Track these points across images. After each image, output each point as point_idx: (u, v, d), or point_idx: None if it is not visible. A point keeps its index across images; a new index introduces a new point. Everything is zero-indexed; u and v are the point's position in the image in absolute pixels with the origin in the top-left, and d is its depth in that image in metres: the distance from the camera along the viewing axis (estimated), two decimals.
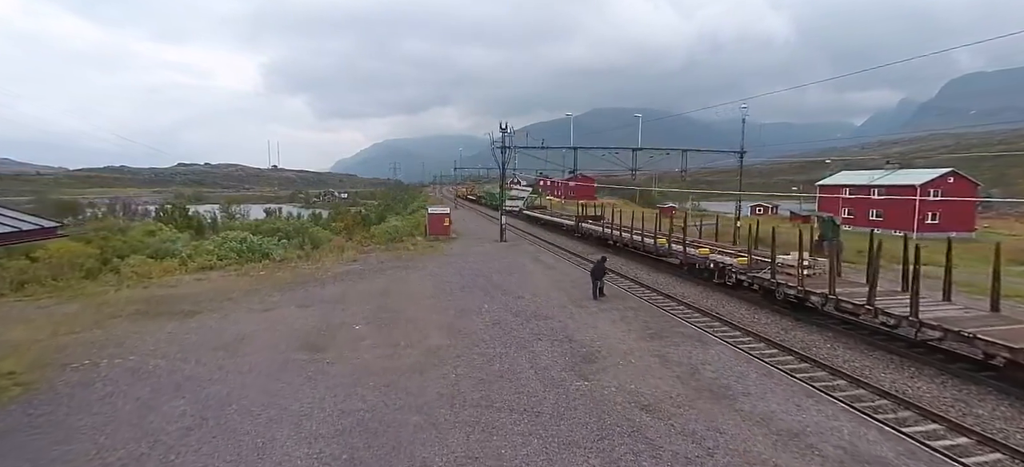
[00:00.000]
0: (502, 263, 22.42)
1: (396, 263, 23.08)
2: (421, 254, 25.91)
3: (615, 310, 13.87)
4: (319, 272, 21.16)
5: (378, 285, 17.86)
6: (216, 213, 78.77)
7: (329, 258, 25.45)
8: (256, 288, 17.94)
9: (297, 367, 9.85)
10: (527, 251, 26.98)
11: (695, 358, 10.04)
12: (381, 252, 27.96)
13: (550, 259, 24.36)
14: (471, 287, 17.17)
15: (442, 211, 33.01)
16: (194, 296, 16.83)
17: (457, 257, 24.56)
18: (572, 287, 17.14)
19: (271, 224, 45.57)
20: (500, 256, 24.73)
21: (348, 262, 23.95)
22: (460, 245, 29.11)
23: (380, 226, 51.85)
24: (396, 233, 34.02)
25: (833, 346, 12.36)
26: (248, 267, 22.91)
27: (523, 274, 19.45)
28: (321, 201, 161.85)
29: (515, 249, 27.43)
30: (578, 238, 32.92)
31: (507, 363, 9.87)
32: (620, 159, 30.28)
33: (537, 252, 27.07)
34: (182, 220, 36.26)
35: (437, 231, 31.91)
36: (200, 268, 22.94)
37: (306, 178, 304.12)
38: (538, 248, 28.99)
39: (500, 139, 29.00)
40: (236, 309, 14.80)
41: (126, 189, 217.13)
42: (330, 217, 77.08)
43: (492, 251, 26.53)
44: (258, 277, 20.50)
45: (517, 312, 13.73)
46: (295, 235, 43.67)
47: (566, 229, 36.35)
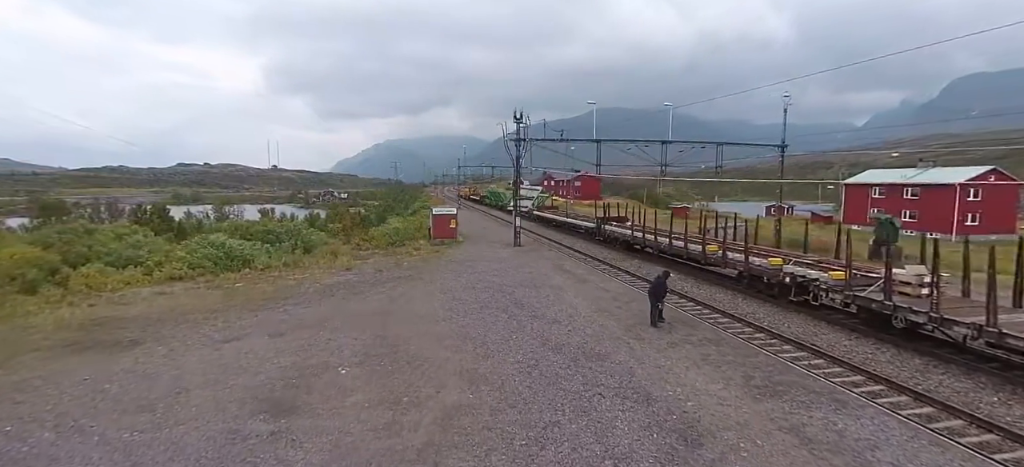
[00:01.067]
0: (522, 274, 19.02)
1: (397, 273, 19.70)
2: (425, 261, 22.53)
3: (689, 344, 10.46)
4: (305, 284, 17.79)
5: (374, 303, 14.46)
6: (209, 214, 75.51)
7: (319, 266, 22.09)
8: (224, 307, 14.57)
9: (246, 449, 6.46)
10: (547, 258, 23.57)
11: (849, 437, 6.62)
12: (380, 258, 24.60)
13: (578, 268, 20.94)
14: (491, 307, 13.77)
15: (447, 212, 29.65)
16: (144, 318, 13.46)
17: (467, 265, 21.17)
18: (617, 306, 13.73)
19: (262, 226, 42.23)
20: (518, 264, 21.34)
21: (341, 271, 20.58)
22: (469, 250, 25.72)
23: (380, 228, 48.49)
24: (397, 236, 30.65)
25: None
26: (223, 278, 19.54)
27: (551, 289, 16.04)
28: (320, 201, 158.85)
29: (533, 256, 24.03)
30: (601, 242, 29.50)
31: (565, 444, 6.47)
32: (650, 153, 26.89)
33: (559, 259, 23.65)
34: (161, 222, 32.86)
35: (442, 234, 28.54)
36: (166, 279, 19.58)
37: (306, 178, 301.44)
38: (559, 254, 25.58)
39: (514, 131, 25.60)
40: (190, 338, 11.42)
41: (124, 189, 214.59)
42: (328, 218, 73.77)
43: (507, 258, 23.13)
44: (231, 291, 17.13)
45: (558, 346, 10.32)
46: (287, 238, 40.35)
47: (585, 232, 32.93)
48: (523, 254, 24.33)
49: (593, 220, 34.25)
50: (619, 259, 24.89)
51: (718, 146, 27.80)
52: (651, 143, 26.79)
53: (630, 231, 26.38)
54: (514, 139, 25.77)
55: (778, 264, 14.96)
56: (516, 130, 25.66)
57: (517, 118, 25.50)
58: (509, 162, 76.94)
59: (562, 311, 13.16)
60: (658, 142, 26.77)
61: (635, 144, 26.79)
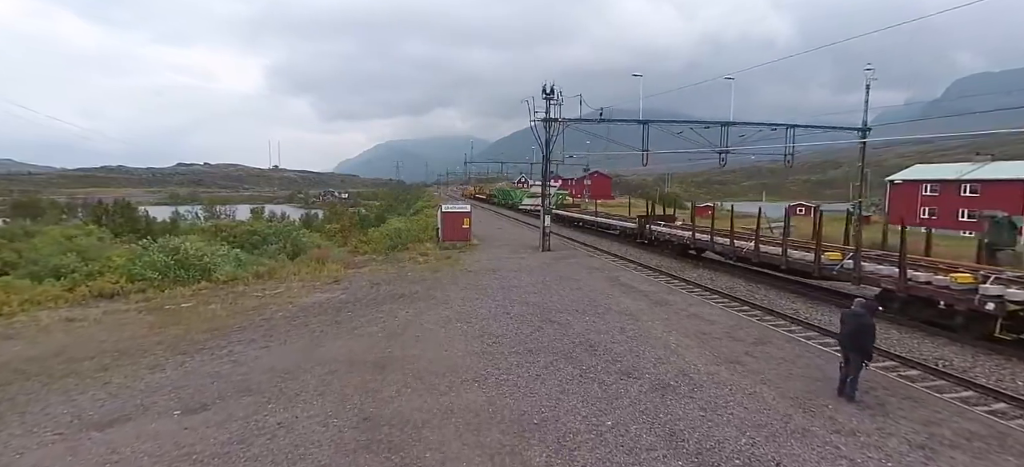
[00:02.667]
0: (569, 290, 14.15)
1: (399, 286, 14.86)
2: (435, 271, 17.70)
3: (930, 450, 5.57)
4: (275, 305, 12.97)
5: (365, 341, 9.63)
6: (198, 213, 70.89)
7: (301, 277, 17.27)
8: (142, 346, 9.75)
9: None
10: (591, 266, 18.66)
11: None
12: (379, 265, 19.78)
13: (640, 281, 15.92)
14: (544, 349, 8.92)
15: (460, 209, 24.78)
16: (11, 365, 8.70)
17: (490, 276, 16.32)
18: (745, 353, 8.83)
19: (248, 227, 37.44)
20: (557, 276, 16.47)
21: (327, 284, 15.76)
22: (488, 256, 20.85)
23: (379, 229, 43.61)
24: (399, 238, 25.83)
25: None
26: (169, 294, 14.73)
27: (622, 316, 11.17)
28: (320, 202, 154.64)
29: (571, 264, 19.12)
30: (644, 245, 24.61)
31: None
32: (708, 137, 22.01)
33: (606, 267, 18.71)
34: (124, 221, 28.06)
35: (454, 236, 23.71)
36: (94, 295, 14.80)
37: (308, 179, 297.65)
38: (603, 261, 20.57)
39: (545, 109, 20.68)
40: (42, 420, 6.61)
41: (121, 189, 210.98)
42: (325, 218, 68.96)
43: (538, 267, 18.26)
44: (171, 315, 12.32)
45: (698, 452, 5.47)
46: (274, 240, 35.51)
47: (622, 233, 27.98)
48: (557, 261, 19.42)
49: (629, 219, 29.37)
50: (681, 268, 19.93)
51: (788, 129, 22.91)
52: (710, 125, 21.91)
53: (688, 232, 21.41)
54: (543, 120, 20.87)
55: (969, 282, 10.03)
56: (545, 109, 20.79)
57: (547, 93, 20.61)
58: (521, 158, 71.07)
59: (662, 361, 8.28)
60: (718, 124, 21.90)
61: (691, 127, 21.89)
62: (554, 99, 20.58)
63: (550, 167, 24.22)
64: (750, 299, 14.90)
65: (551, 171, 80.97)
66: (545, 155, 21.35)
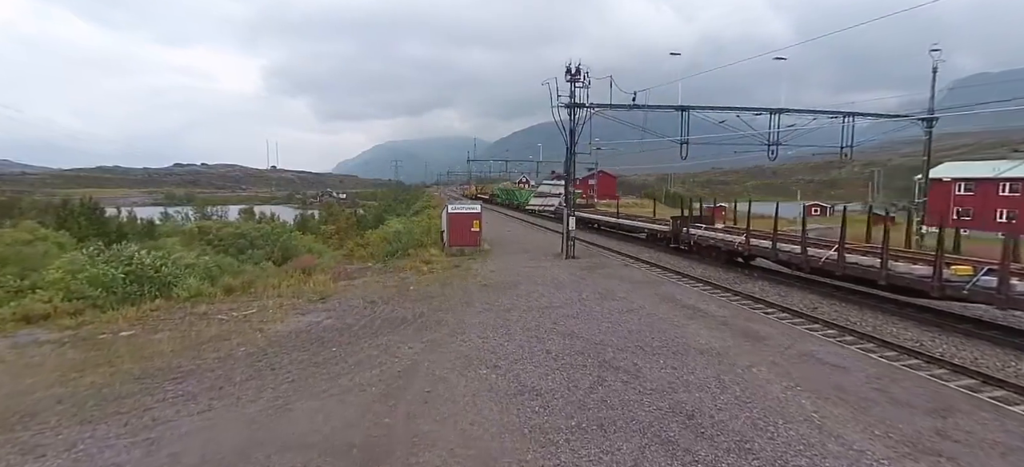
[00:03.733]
0: (621, 315, 11.14)
1: (400, 308, 11.86)
2: (444, 285, 14.70)
3: None
4: (240, 334, 9.95)
5: (352, 407, 6.59)
6: (188, 214, 67.87)
7: (281, 291, 14.27)
8: (43, 404, 6.73)
9: None
10: (630, 279, 15.61)
11: None
12: (375, 276, 16.80)
13: (704, 300, 12.77)
14: (621, 425, 5.93)
15: (468, 210, 21.74)
16: None
17: (512, 292, 13.33)
18: (953, 438, 5.90)
19: (234, 229, 34.48)
20: (597, 292, 13.46)
21: (312, 303, 12.76)
22: (504, 265, 17.84)
23: (377, 231, 40.59)
24: (399, 242, 22.85)
25: None
26: (109, 319, 11.71)
27: (717, 360, 8.13)
28: (318, 202, 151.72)
29: (607, 276, 16.07)
30: (678, 251, 21.63)
31: None
32: (757, 126, 19.08)
33: (652, 280, 15.62)
34: (88, 223, 25.01)
35: (462, 240, 20.71)
36: (20, 318, 11.81)
37: (306, 179, 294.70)
38: (645, 273, 17.25)
39: (569, 93, 17.66)
40: None
41: (117, 190, 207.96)
42: (320, 219, 65.94)
43: (569, 280, 15.25)
44: (101, 350, 9.30)
45: None
46: (262, 243, 32.51)
47: (650, 237, 24.94)
48: (588, 271, 16.38)
49: (656, 221, 26.40)
50: (735, 279, 16.75)
51: (845, 117, 19.98)
52: (760, 112, 18.94)
53: (737, 237, 18.33)
54: (567, 106, 17.85)
55: None
56: (570, 92, 17.76)
57: (572, 74, 17.59)
58: (521, 159, 66.20)
59: (817, 450, 5.29)
60: (767, 111, 18.95)
61: (737, 114, 18.92)
62: (580, 81, 17.57)
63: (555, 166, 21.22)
64: (859, 328, 11.64)
65: (557, 171, 77.26)
66: (570, 146, 18.33)
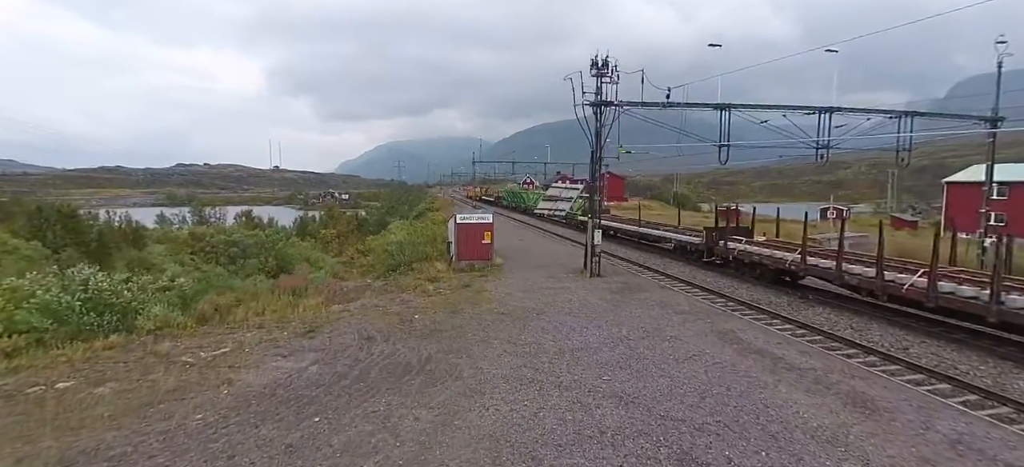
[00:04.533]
0: (682, 367, 8.98)
1: (402, 345, 9.72)
2: (452, 310, 12.57)
3: None
4: (201, 388, 7.83)
5: None
6: (186, 216, 66.02)
7: (265, 318, 12.19)
8: None
9: None
10: (674, 306, 13.41)
11: None
12: (374, 297, 14.69)
13: (777, 343, 10.49)
14: None
15: (478, 220, 19.56)
16: None
17: (536, 325, 11.19)
18: None
19: (226, 236, 32.44)
20: (641, 329, 11.29)
21: (297, 337, 10.64)
22: (519, 283, 15.70)
23: (379, 237, 38.46)
24: (402, 255, 20.73)
25: None
26: (52, 359, 9.60)
27: (842, 455, 6.00)
28: (320, 202, 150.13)
29: (643, 301, 13.89)
30: (716, 267, 19.37)
31: None
32: (802, 130, 16.84)
33: (700, 309, 13.39)
34: (65, 232, 22.92)
35: (472, 254, 18.59)
36: None
37: (308, 179, 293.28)
38: (690, 298, 14.66)
39: (595, 89, 15.48)
40: None
41: (118, 190, 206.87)
42: (321, 222, 63.93)
43: (600, 307, 13.08)
44: (18, 415, 7.21)
45: None
46: (256, 252, 30.46)
47: (678, 249, 22.57)
48: (620, 295, 14.18)
49: (685, 231, 24.15)
50: (793, 307, 14.12)
51: (903, 117, 17.80)
52: (812, 111, 16.72)
53: (789, 253, 15.94)
54: (593, 103, 15.68)
55: None
56: (596, 88, 15.59)
57: (599, 67, 15.42)
58: (523, 159, 64.12)
59: None
60: (818, 110, 16.74)
61: (784, 114, 16.73)
62: (608, 76, 15.39)
63: (563, 169, 19.02)
64: (1012, 393, 8.67)
65: (562, 172, 74.97)
66: (597, 149, 16.11)
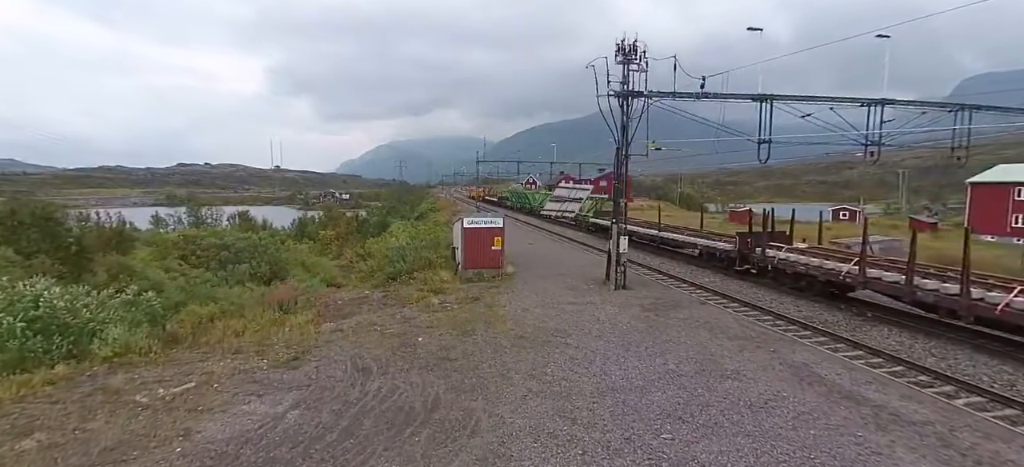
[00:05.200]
0: (771, 421, 7.17)
1: (403, 380, 7.95)
2: (462, 331, 10.78)
3: None
4: (150, 447, 6.04)
5: None
6: (181, 217, 64.24)
7: (243, 342, 10.42)
8: None
9: None
10: (727, 330, 11.57)
11: None
12: (372, 314, 12.92)
13: (867, 382, 8.72)
14: None
15: (487, 224, 17.76)
16: None
17: (562, 355, 9.41)
18: None
19: (217, 238, 30.68)
20: (694, 361, 9.49)
21: (278, 369, 8.86)
22: (535, 297, 13.91)
23: (379, 239, 36.71)
24: (403, 261, 18.95)
25: None
26: None
27: None
28: (321, 202, 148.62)
29: (683, 321, 12.07)
30: (750, 277, 17.49)
31: None
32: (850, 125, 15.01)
33: (752, 331, 11.45)
34: (41, 235, 21.16)
35: (480, 261, 16.80)
36: None
37: (310, 179, 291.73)
38: (738, 317, 12.61)
39: (621, 77, 13.70)
40: None
41: (118, 190, 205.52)
42: (320, 223, 62.18)
43: (634, 329, 11.28)
44: None
45: None
46: (247, 256, 28.73)
47: (705, 256, 20.65)
48: (656, 315, 12.36)
49: (711, 236, 22.34)
50: (854, 327, 12.27)
51: (959, 111, 16.00)
52: (864, 103, 14.90)
53: (844, 264, 13.93)
54: (618, 94, 13.89)
55: None
56: (623, 76, 13.80)
57: (625, 52, 13.64)
58: (526, 159, 62.04)
59: None
60: (870, 102, 14.93)
61: (830, 107, 14.90)
62: (636, 63, 13.59)
63: (563, 168, 17.22)
64: None
65: (565, 173, 73.12)
66: (623, 144, 14.27)
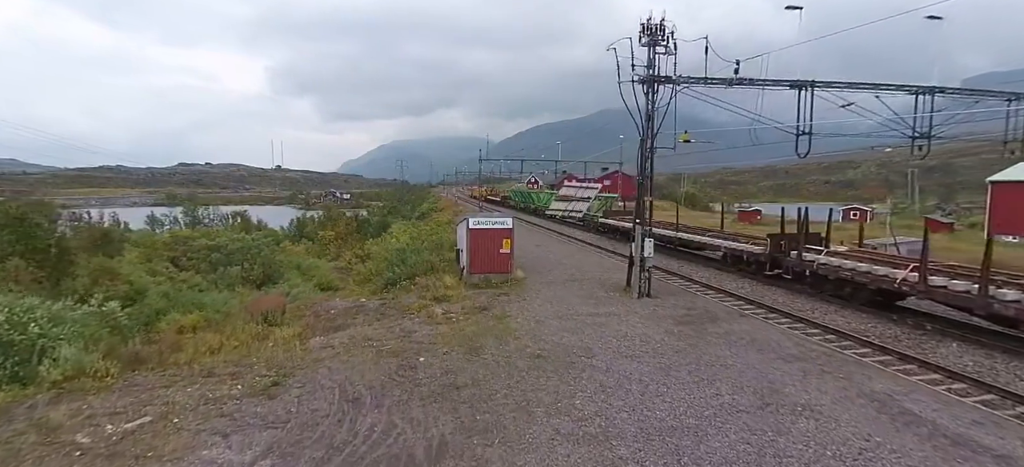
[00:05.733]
0: None
1: (400, 416, 6.45)
2: (470, 350, 9.28)
3: None
4: None
5: None
6: (177, 217, 62.89)
7: (218, 360, 8.94)
8: None
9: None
10: (780, 349, 10.04)
11: None
12: (367, 326, 11.44)
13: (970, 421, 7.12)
14: None
15: (495, 225, 16.20)
16: None
17: (594, 386, 7.92)
18: None
19: (208, 240, 29.28)
20: (755, 392, 8.00)
21: (252, 399, 7.34)
22: (551, 307, 12.41)
23: (379, 240, 35.25)
24: (403, 264, 17.48)
25: None
26: None
27: None
28: (322, 202, 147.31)
29: (726, 337, 10.58)
30: (783, 282, 15.90)
31: None
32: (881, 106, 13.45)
33: (814, 350, 9.85)
34: (15, 237, 19.72)
35: (487, 266, 15.29)
36: None
37: (311, 179, 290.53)
38: (788, 332, 11.11)
39: (647, 61, 12.22)
40: None
41: (119, 190, 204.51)
42: (319, 223, 60.80)
43: (674, 349, 9.78)
44: None
45: None
46: (239, 257, 27.33)
47: (731, 260, 18.94)
48: (690, 328, 10.85)
49: (734, 238, 20.79)
50: (917, 344, 10.40)
51: (1015, 100, 14.53)
52: (910, 90, 13.37)
53: (899, 270, 12.23)
54: (643, 80, 12.40)
55: None
56: (649, 59, 12.30)
57: (652, 32, 12.14)
58: (536, 158, 60.86)
59: None
60: (914, 90, 13.43)
61: (876, 95, 13.39)
62: (663, 44, 12.09)
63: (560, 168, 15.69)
64: None
65: (566, 171, 71.35)
66: (648, 136, 12.74)
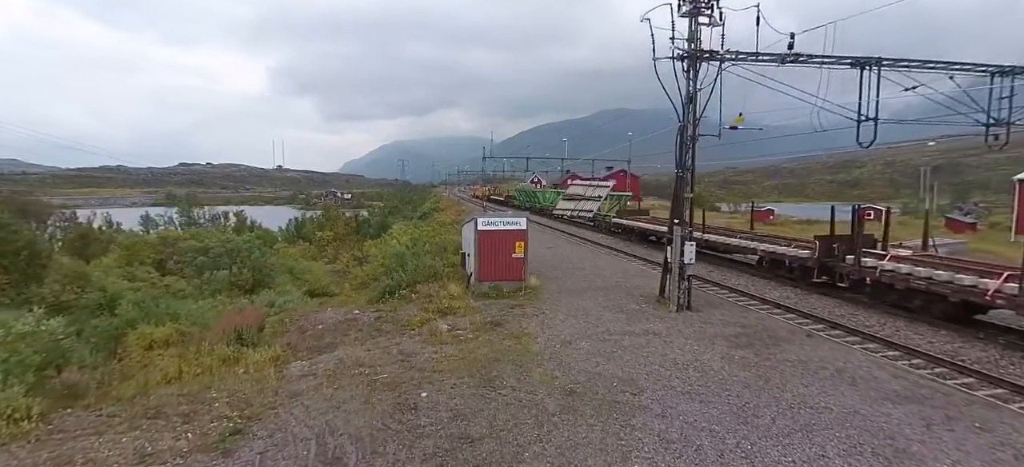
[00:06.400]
0: None
1: None
2: (480, 379, 7.38)
3: None
4: None
5: None
6: (173, 218, 61.16)
7: (168, 400, 7.09)
8: None
9: None
10: (879, 385, 8.15)
11: None
12: (360, 344, 9.57)
13: None
14: None
15: (507, 226, 14.34)
16: None
17: (658, 447, 6.04)
18: None
19: (197, 242, 27.47)
20: (877, 454, 6.13)
21: (206, 449, 5.49)
22: (576, 323, 10.53)
23: (379, 241, 33.44)
24: (403, 270, 15.63)
25: None
26: None
27: None
28: (322, 202, 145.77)
29: (802, 366, 8.71)
30: (834, 290, 13.96)
31: None
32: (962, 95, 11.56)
33: (924, 388, 7.76)
34: None
35: (498, 273, 13.43)
36: None
37: (312, 179, 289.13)
38: (886, 362, 9.22)
39: (687, 34, 10.38)
40: None
41: (118, 190, 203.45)
42: (318, 224, 59.03)
43: (743, 382, 7.90)
44: None
45: None
46: (228, 261, 25.52)
47: (769, 265, 16.90)
48: (750, 352, 8.94)
49: (768, 239, 18.86)
50: None
51: None
52: (984, 71, 11.45)
53: (991, 279, 10.43)
54: (683, 56, 10.54)
55: None
56: (690, 32, 10.44)
57: (692, 2, 10.25)
58: (541, 156, 59.74)
59: None
60: (989, 72, 11.53)
61: (950, 76, 11.52)
62: (708, 14, 10.23)
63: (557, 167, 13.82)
64: None
65: (570, 170, 69.41)
66: (691, 121, 10.85)
